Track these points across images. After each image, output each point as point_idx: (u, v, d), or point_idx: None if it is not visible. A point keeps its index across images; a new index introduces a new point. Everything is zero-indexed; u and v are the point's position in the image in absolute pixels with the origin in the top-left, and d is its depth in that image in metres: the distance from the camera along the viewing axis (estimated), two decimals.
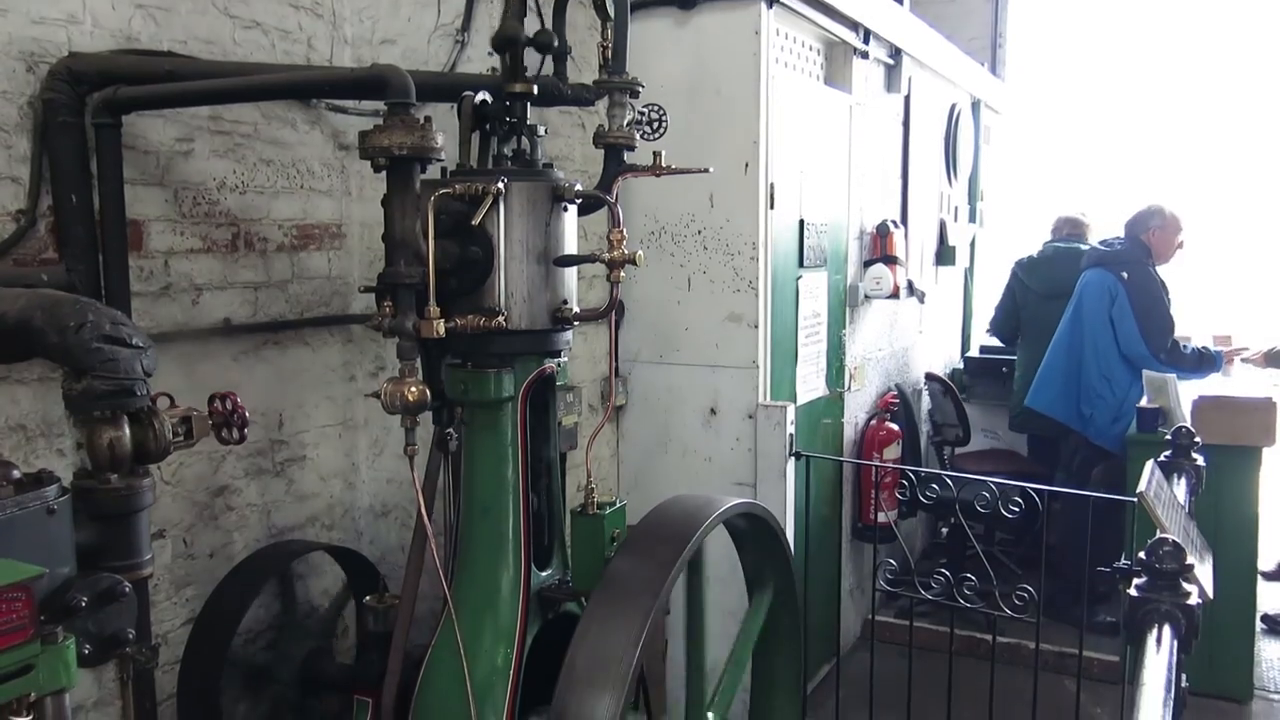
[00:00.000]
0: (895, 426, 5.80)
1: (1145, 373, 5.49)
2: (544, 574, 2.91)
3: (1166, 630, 1.90)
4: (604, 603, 2.40)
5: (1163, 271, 5.92)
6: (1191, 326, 6.67)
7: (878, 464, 5.43)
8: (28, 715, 1.52)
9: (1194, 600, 1.99)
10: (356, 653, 3.31)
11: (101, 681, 2.77)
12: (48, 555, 1.62)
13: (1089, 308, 5.85)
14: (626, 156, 2.98)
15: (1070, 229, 6.69)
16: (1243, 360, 6.24)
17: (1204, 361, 5.79)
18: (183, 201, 2.92)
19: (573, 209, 2.82)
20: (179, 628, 2.97)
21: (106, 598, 1.71)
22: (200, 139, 2.95)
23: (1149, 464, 2.81)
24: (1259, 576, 5.53)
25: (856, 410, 5.64)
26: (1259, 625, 5.31)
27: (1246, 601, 5.05)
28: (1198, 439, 3.33)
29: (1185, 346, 5.73)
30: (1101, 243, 6.11)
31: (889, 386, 6.15)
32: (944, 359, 7.43)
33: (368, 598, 3.09)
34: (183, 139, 2.90)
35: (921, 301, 6.37)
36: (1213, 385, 5.61)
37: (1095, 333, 5.81)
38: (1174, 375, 5.44)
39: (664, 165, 2.90)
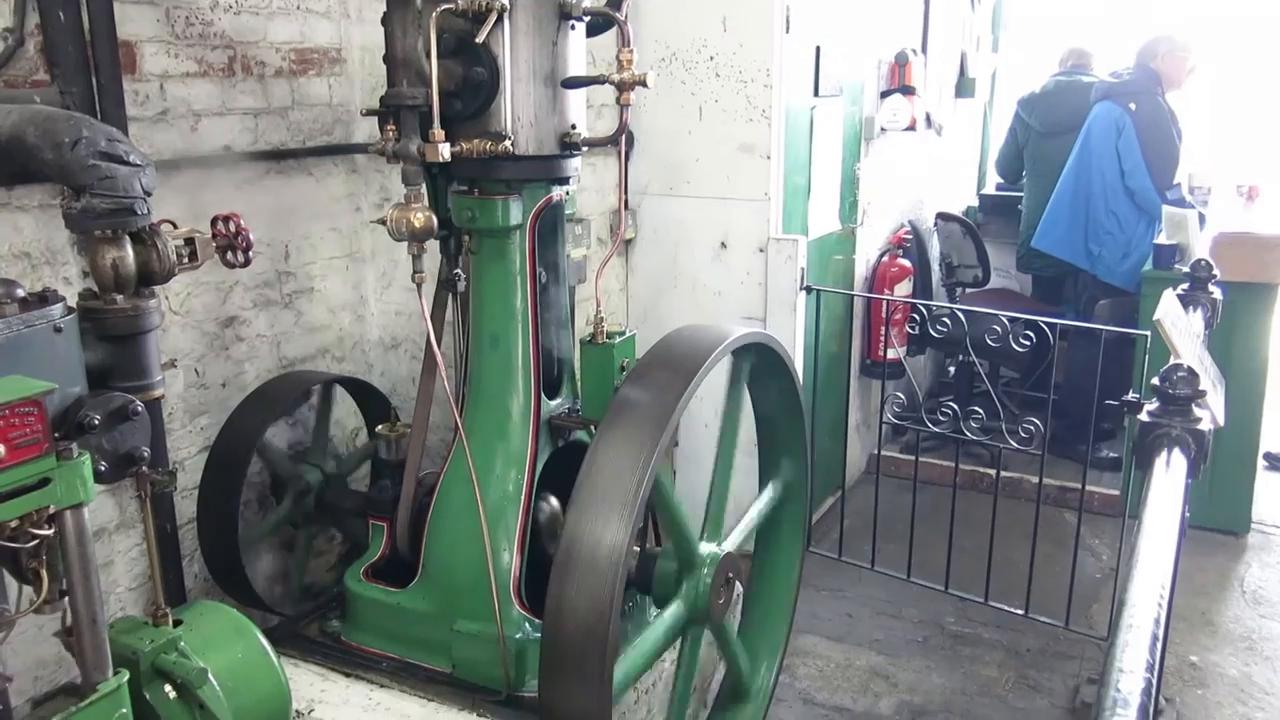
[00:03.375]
0: (907, 263, 5.74)
1: (1165, 208, 5.39)
2: (554, 403, 2.93)
3: (1176, 454, 1.91)
4: (613, 429, 2.40)
5: (1175, 101, 5.72)
6: (1217, 175, 6.49)
7: (888, 297, 5.41)
8: (48, 528, 1.55)
9: (1205, 426, 1.99)
10: (370, 480, 3.37)
11: (122, 505, 2.84)
12: (57, 373, 1.62)
13: (1096, 142, 5.68)
14: None
15: (1075, 60, 6.42)
16: None
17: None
18: (175, 22, 2.81)
19: (580, 28, 2.71)
20: (195, 455, 3.02)
21: (119, 416, 1.72)
22: None
23: (1166, 292, 2.78)
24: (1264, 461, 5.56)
25: (869, 246, 5.57)
26: (1261, 462, 5.37)
27: (1250, 438, 5.09)
28: (1216, 272, 3.29)
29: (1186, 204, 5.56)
30: (1111, 74, 5.89)
31: (902, 223, 6.06)
32: (959, 196, 7.30)
33: (380, 427, 3.14)
34: None
35: (939, 135, 6.21)
36: (1234, 221, 5.51)
37: (1102, 168, 5.65)
38: (1194, 211, 5.33)
39: None
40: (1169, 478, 1.83)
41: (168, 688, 1.92)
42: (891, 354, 5.46)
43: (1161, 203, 5.50)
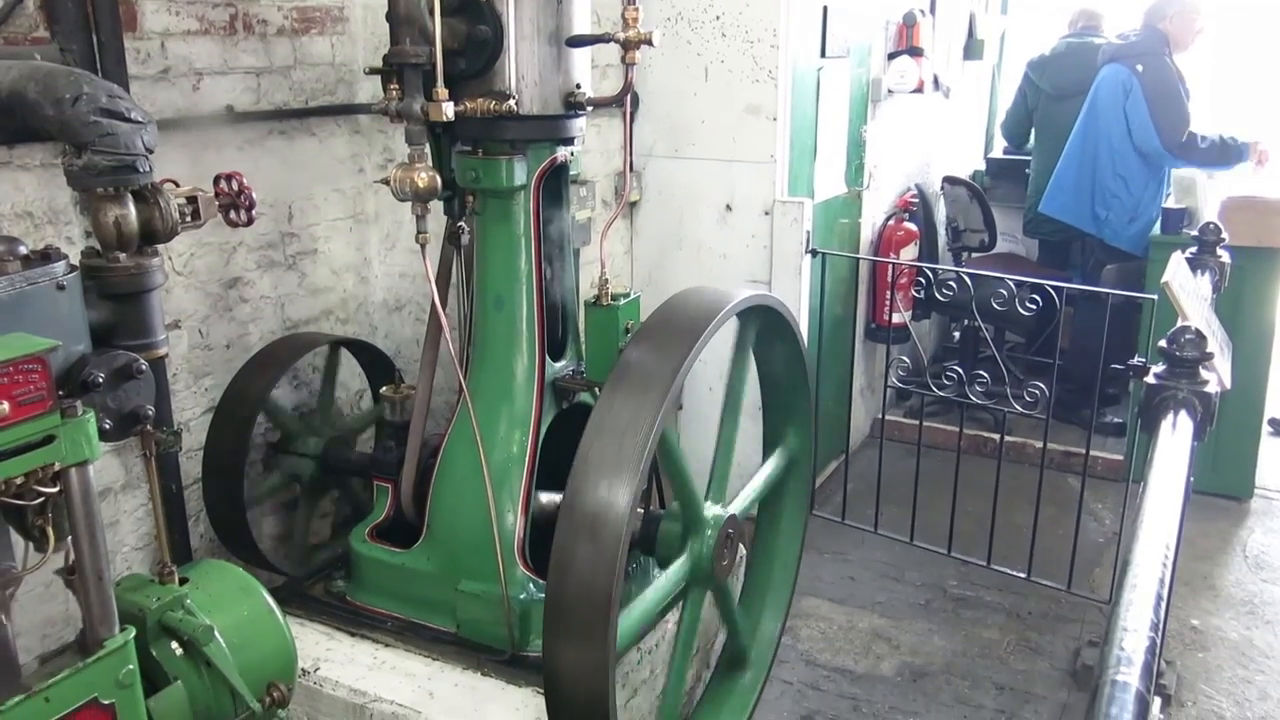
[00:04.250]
0: (913, 227, 5.71)
1: (1174, 172, 5.35)
2: (558, 365, 2.93)
3: (1183, 416, 1.90)
4: (618, 391, 2.39)
5: (1182, 62, 5.66)
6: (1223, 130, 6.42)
7: (894, 260, 5.38)
8: (53, 485, 1.55)
9: (1212, 388, 1.98)
10: (375, 442, 3.38)
11: (127, 465, 2.85)
12: (60, 331, 1.61)
13: (1103, 105, 5.63)
14: None
15: (1085, 21, 6.34)
16: None
17: (1227, 153, 5.47)
18: None
19: None
20: (200, 416, 3.03)
21: (123, 374, 1.71)
22: None
23: (1175, 255, 2.76)
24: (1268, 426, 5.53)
25: (875, 210, 5.54)
26: (1265, 428, 5.36)
27: (1255, 403, 5.08)
28: (1224, 235, 3.27)
29: (1202, 139, 5.46)
30: (1118, 36, 5.83)
31: (909, 186, 6.02)
32: (966, 159, 7.25)
33: (384, 388, 3.14)
34: None
35: (946, 97, 6.15)
36: (1243, 185, 5.47)
37: (1109, 130, 5.60)
38: (1202, 174, 5.29)
39: None
40: (1175, 439, 1.83)
41: (174, 644, 1.94)
42: (897, 318, 5.44)
43: (1172, 159, 5.44)
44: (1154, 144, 5.46)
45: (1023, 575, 4.33)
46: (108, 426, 1.70)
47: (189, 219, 1.92)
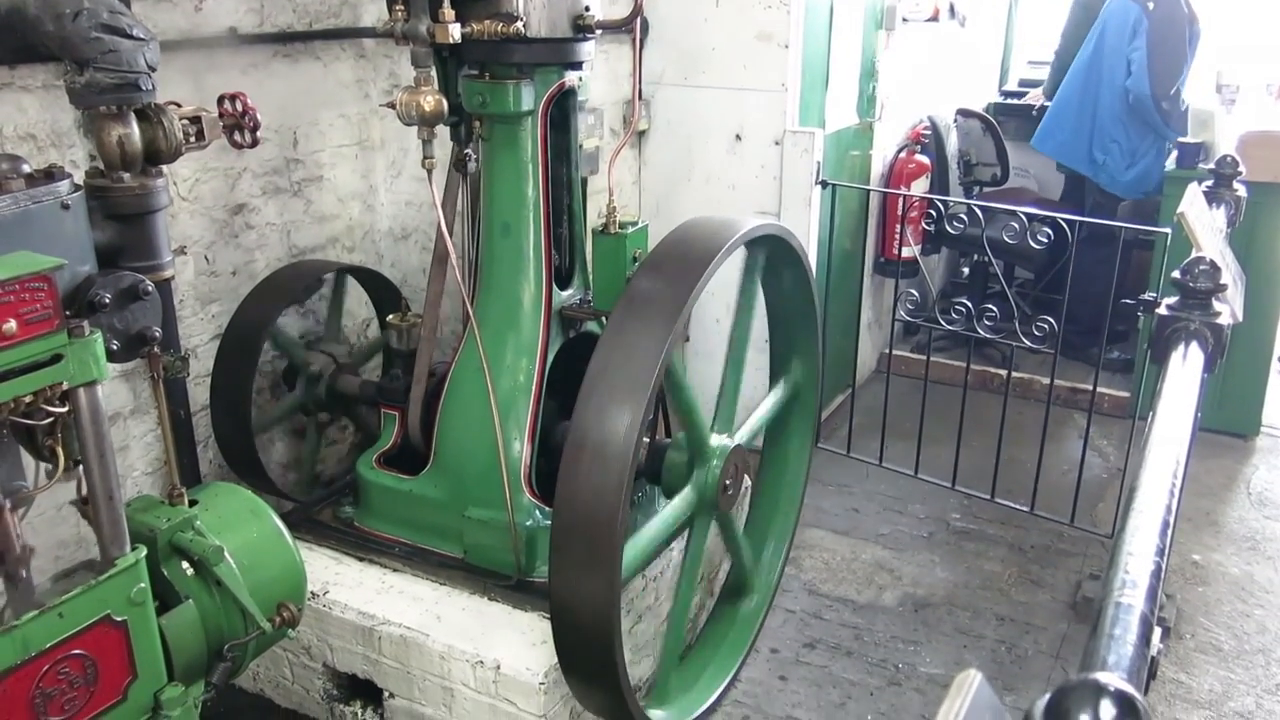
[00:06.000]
0: (925, 160, 5.63)
1: (1191, 106, 5.25)
2: (565, 294, 2.91)
3: (1194, 347, 1.89)
4: (625, 320, 2.38)
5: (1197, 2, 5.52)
6: (1249, 76, 6.28)
7: (905, 193, 5.32)
8: (62, 405, 1.56)
9: (1224, 320, 1.97)
10: (382, 370, 3.38)
11: (136, 391, 2.86)
12: (65, 251, 1.60)
13: (1110, 42, 5.48)
14: None
15: None
16: None
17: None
18: None
19: None
20: (207, 342, 3.03)
21: (130, 295, 1.71)
22: None
23: (1191, 185, 2.73)
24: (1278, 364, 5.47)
25: (886, 141, 5.46)
26: (1275, 364, 5.33)
27: (1265, 340, 5.05)
28: (1241, 169, 3.23)
29: (1182, 101, 5.37)
30: None
31: (921, 118, 5.92)
32: (980, 91, 7.13)
33: (391, 316, 3.13)
34: None
35: (962, 26, 6.02)
36: (1260, 120, 5.37)
37: (1114, 70, 5.45)
38: (1221, 108, 5.20)
39: None
40: (1185, 370, 1.82)
41: (185, 565, 1.96)
42: (906, 252, 5.39)
43: (1156, 111, 5.34)
44: (1144, 89, 5.32)
45: (1026, 509, 4.35)
46: (115, 347, 1.70)
47: (193, 139, 1.90)
